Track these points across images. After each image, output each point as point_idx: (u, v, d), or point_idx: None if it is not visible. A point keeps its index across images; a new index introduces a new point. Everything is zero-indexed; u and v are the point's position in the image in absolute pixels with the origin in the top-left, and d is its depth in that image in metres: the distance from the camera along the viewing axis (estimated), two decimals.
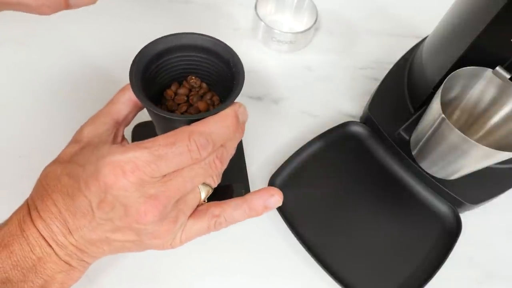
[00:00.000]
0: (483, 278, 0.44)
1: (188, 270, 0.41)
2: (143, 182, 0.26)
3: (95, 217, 0.28)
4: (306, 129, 0.50)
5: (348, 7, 0.63)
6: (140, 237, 0.29)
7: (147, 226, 0.28)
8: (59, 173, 0.29)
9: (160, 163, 0.26)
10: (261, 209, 0.31)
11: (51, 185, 0.28)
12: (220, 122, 0.28)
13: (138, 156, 0.26)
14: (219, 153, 0.29)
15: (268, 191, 0.32)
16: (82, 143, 0.31)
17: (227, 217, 0.32)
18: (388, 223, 0.44)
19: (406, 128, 0.45)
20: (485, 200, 0.44)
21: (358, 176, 0.47)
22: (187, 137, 0.27)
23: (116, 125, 0.33)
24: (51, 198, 0.28)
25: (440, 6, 0.47)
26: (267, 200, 0.31)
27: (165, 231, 0.29)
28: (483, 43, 0.37)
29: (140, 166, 0.26)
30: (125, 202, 0.27)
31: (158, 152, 0.26)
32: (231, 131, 0.29)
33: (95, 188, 0.27)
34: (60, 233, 0.28)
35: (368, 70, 0.57)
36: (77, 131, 0.32)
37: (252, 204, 0.31)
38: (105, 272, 0.40)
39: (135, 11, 0.57)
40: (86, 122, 0.33)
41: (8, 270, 0.28)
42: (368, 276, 0.41)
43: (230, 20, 0.59)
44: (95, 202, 0.27)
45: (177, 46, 0.32)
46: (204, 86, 0.35)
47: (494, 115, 0.41)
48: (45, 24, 0.54)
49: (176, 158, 0.27)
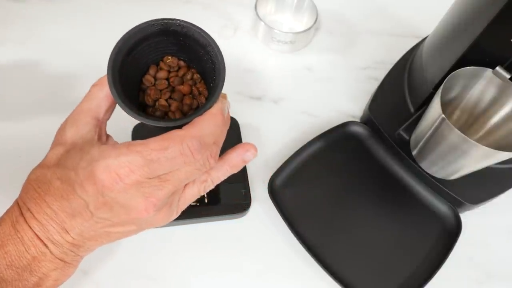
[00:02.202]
0: (483, 278, 0.44)
1: (186, 268, 0.41)
2: (139, 183, 0.27)
3: (94, 216, 0.28)
4: (306, 129, 0.50)
5: (348, 7, 0.62)
6: (140, 226, 0.31)
7: (147, 218, 0.29)
8: (49, 177, 0.29)
9: (153, 167, 0.27)
10: (240, 164, 0.34)
11: (43, 188, 0.29)
12: (209, 122, 0.29)
13: (131, 160, 0.27)
14: (212, 151, 0.30)
15: (243, 147, 0.34)
16: (67, 145, 0.31)
17: (214, 179, 0.33)
18: (388, 223, 0.44)
19: (406, 128, 0.45)
20: (485, 200, 0.44)
21: (358, 176, 0.47)
22: (180, 142, 0.27)
23: (98, 124, 0.32)
24: (45, 201, 0.28)
25: (440, 6, 0.47)
26: (243, 155, 0.33)
27: (162, 216, 0.31)
28: (483, 43, 0.37)
29: (135, 170, 0.27)
30: (124, 202, 0.28)
31: (150, 157, 0.27)
32: (221, 129, 0.30)
33: (92, 190, 0.27)
34: (56, 232, 0.28)
35: (368, 70, 0.57)
36: (58, 132, 0.32)
37: (232, 162, 0.33)
38: (102, 269, 0.40)
39: (135, 12, 0.57)
40: (66, 122, 0.32)
41: (2, 270, 0.28)
42: (368, 276, 0.41)
43: (230, 20, 0.59)
44: (92, 204, 0.28)
45: (149, 34, 0.31)
46: (182, 64, 0.34)
47: (494, 115, 0.41)
48: (45, 24, 0.54)
49: (169, 162, 0.28)
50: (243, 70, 0.55)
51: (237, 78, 0.54)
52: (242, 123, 0.48)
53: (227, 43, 0.57)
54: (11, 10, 0.55)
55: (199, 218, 0.42)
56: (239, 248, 0.42)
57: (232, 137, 0.47)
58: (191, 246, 0.42)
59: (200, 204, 0.42)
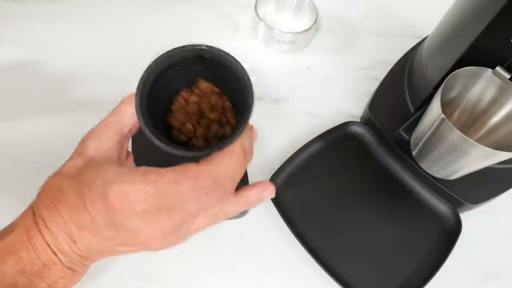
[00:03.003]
0: (483, 278, 0.44)
1: (187, 270, 0.41)
2: (149, 212, 0.28)
3: (101, 233, 0.29)
4: (306, 129, 0.50)
5: (348, 7, 0.63)
6: (145, 248, 0.31)
7: (152, 243, 0.30)
8: (64, 186, 0.29)
9: (164, 199, 0.27)
10: (256, 202, 0.33)
11: (57, 197, 0.29)
12: (229, 161, 0.29)
13: (144, 189, 0.27)
14: (227, 188, 0.30)
15: (262, 185, 0.33)
16: (87, 158, 0.31)
17: (226, 213, 0.32)
18: (388, 223, 0.44)
19: (406, 128, 0.45)
20: (485, 200, 0.44)
21: (358, 176, 0.47)
22: (195, 178, 0.28)
23: (121, 141, 0.32)
24: (57, 209, 0.28)
25: (440, 6, 0.47)
26: (262, 194, 0.33)
27: (167, 243, 0.31)
28: (483, 43, 0.37)
29: (146, 199, 0.27)
30: (131, 228, 0.28)
31: (163, 190, 0.27)
32: (240, 167, 0.29)
33: (102, 210, 0.28)
34: (65, 242, 0.29)
35: (368, 70, 0.57)
36: (81, 143, 0.32)
37: (248, 199, 0.32)
38: (104, 271, 0.40)
39: (135, 12, 0.57)
40: (90, 134, 0.32)
41: (15, 275, 0.28)
42: (368, 276, 0.41)
43: (230, 20, 0.59)
44: (102, 223, 0.28)
45: (184, 58, 0.30)
46: (216, 90, 0.33)
47: (494, 115, 0.41)
48: (45, 24, 0.54)
49: (181, 196, 0.28)
50: None
51: None
52: None
53: (227, 43, 0.57)
54: (10, 10, 0.55)
55: None
56: (239, 248, 0.42)
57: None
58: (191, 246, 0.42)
59: None
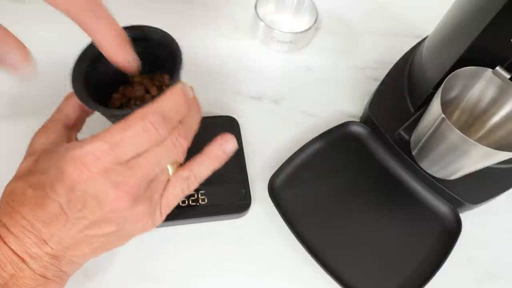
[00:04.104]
0: (483, 278, 0.44)
1: (187, 270, 0.41)
2: (107, 171, 0.26)
3: (69, 218, 0.27)
4: (306, 129, 0.50)
5: (348, 7, 0.62)
6: (120, 226, 0.29)
7: (124, 213, 0.28)
8: (21, 187, 0.28)
9: (118, 150, 0.26)
10: (221, 155, 0.32)
11: (16, 200, 0.28)
12: (169, 99, 0.28)
13: (96, 147, 0.26)
14: (181, 130, 0.29)
15: (222, 137, 0.33)
16: (37, 153, 0.30)
17: (196, 175, 0.32)
18: (388, 223, 0.44)
19: (406, 128, 0.45)
20: (485, 200, 0.44)
21: (358, 176, 0.47)
22: (141, 119, 0.27)
23: (66, 131, 0.32)
24: (19, 213, 0.27)
25: (440, 6, 0.47)
26: (224, 146, 0.32)
27: (142, 213, 0.29)
28: (483, 43, 0.37)
29: (100, 156, 0.26)
30: (95, 193, 0.27)
31: (114, 139, 0.26)
32: (183, 106, 0.29)
33: (62, 189, 0.26)
34: (34, 244, 0.27)
35: (368, 70, 0.57)
36: (29, 144, 0.32)
37: (212, 154, 0.32)
38: (104, 271, 0.40)
39: (134, 12, 0.57)
40: (36, 134, 0.32)
41: None
42: (368, 276, 0.41)
43: (230, 20, 0.59)
44: (65, 203, 0.27)
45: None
46: (153, 82, 0.34)
47: (494, 115, 0.41)
48: (45, 24, 0.54)
49: (134, 142, 0.27)
50: (243, 70, 0.55)
51: (237, 78, 0.54)
52: (242, 123, 0.48)
53: (227, 43, 0.57)
54: (10, 11, 0.55)
55: (199, 218, 0.42)
56: (239, 248, 0.42)
57: None
58: (191, 246, 0.42)
59: (200, 204, 0.42)
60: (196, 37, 0.56)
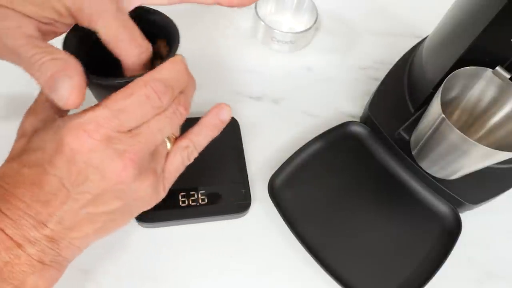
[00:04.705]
0: (483, 278, 0.44)
1: (187, 270, 0.41)
2: (110, 139, 0.25)
3: (71, 193, 0.26)
4: (306, 129, 0.50)
5: (348, 7, 0.63)
6: (125, 200, 0.28)
7: (129, 185, 0.27)
8: (15, 168, 0.27)
9: (121, 117, 0.25)
10: (218, 124, 0.32)
11: (11, 182, 0.26)
12: (171, 67, 0.28)
13: (98, 114, 0.25)
14: (181, 99, 0.28)
15: (217, 106, 0.33)
16: (29, 133, 0.29)
17: (195, 144, 0.32)
18: (388, 223, 0.44)
19: (406, 128, 0.45)
20: (485, 200, 0.44)
21: (358, 176, 0.47)
22: (144, 85, 0.26)
23: (56, 109, 0.30)
24: (15, 195, 0.26)
25: (440, 6, 0.47)
26: (219, 114, 0.32)
27: (148, 185, 0.28)
28: (483, 43, 0.37)
29: (103, 123, 0.25)
30: (99, 163, 0.25)
31: (117, 106, 0.25)
32: (184, 76, 0.28)
33: (62, 161, 0.25)
34: (32, 227, 0.26)
35: (368, 70, 0.57)
36: (19, 127, 0.30)
37: (209, 123, 0.32)
38: (104, 271, 0.40)
39: None
40: (25, 115, 0.30)
41: None
42: (368, 276, 0.41)
43: (230, 20, 0.59)
44: (66, 177, 0.25)
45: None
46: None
47: (494, 115, 0.41)
48: None
49: (137, 109, 0.26)
50: (243, 70, 0.55)
51: (237, 78, 0.54)
52: (242, 123, 0.48)
53: (227, 43, 0.57)
54: None
55: (199, 218, 0.42)
56: (239, 248, 0.42)
57: (232, 137, 0.47)
58: (191, 246, 0.42)
59: (200, 204, 0.42)
60: (196, 37, 0.56)
